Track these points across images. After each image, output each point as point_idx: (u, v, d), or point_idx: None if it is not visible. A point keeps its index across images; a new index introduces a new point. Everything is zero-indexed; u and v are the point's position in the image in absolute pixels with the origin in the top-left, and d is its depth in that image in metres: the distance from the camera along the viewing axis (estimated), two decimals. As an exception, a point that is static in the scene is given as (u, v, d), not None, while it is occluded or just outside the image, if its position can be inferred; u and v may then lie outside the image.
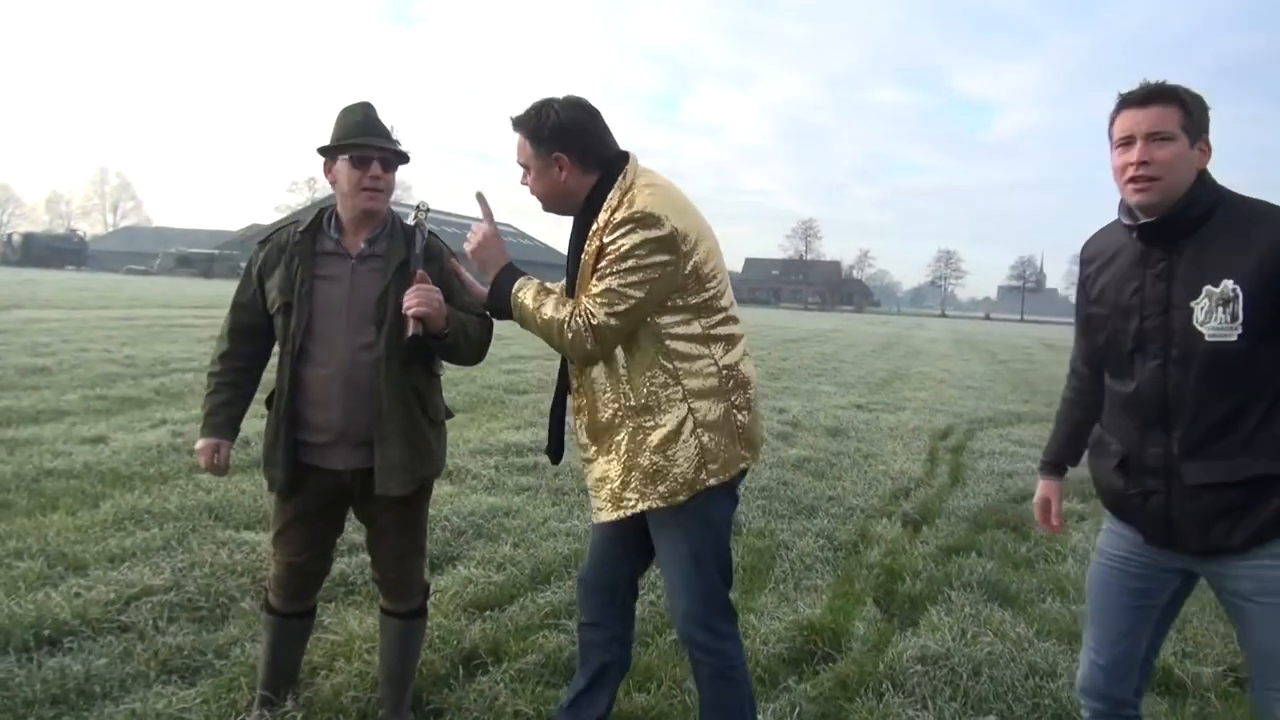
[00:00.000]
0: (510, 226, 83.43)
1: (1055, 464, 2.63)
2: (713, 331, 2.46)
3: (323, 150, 2.72)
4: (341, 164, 2.70)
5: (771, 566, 4.66)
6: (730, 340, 2.50)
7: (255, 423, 7.29)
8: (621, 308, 2.34)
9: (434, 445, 2.87)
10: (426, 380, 2.85)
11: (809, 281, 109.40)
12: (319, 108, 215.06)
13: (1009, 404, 12.87)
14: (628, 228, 2.34)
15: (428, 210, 2.79)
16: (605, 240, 2.37)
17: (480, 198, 2.66)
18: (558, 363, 2.68)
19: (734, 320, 2.53)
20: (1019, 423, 10.94)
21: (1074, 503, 6.47)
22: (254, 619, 3.58)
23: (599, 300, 2.35)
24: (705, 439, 2.41)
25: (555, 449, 2.78)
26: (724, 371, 2.45)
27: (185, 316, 20.54)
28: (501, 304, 2.57)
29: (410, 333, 2.56)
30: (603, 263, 2.37)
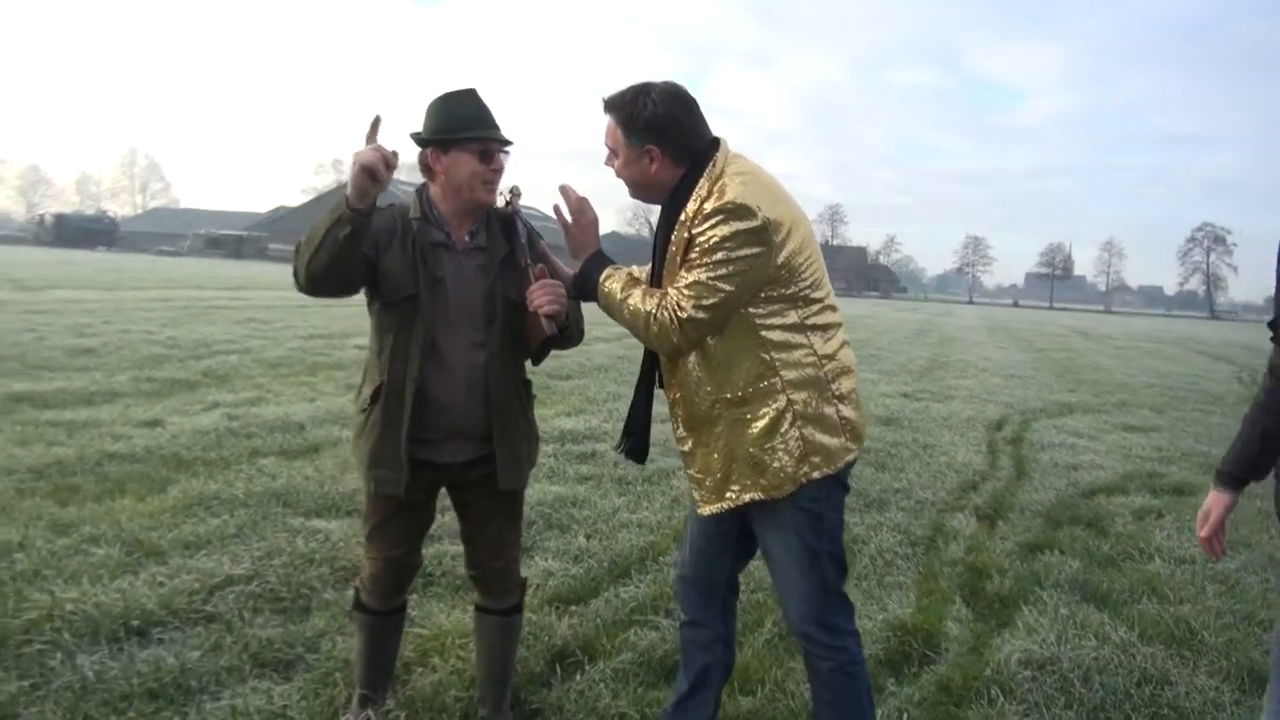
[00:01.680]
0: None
1: (1234, 476, 2.22)
2: (810, 321, 2.36)
3: (430, 141, 2.59)
4: (460, 155, 2.55)
5: (852, 562, 4.54)
6: (829, 329, 2.40)
7: (322, 426, 7.23)
8: (710, 301, 2.25)
9: (535, 430, 2.81)
10: (524, 369, 2.77)
11: (835, 267, 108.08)
12: (342, 90, 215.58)
13: (1056, 393, 12.66)
14: (718, 219, 2.24)
15: (520, 194, 2.68)
16: (694, 231, 2.28)
17: (565, 189, 2.54)
18: (632, 352, 2.57)
19: (832, 309, 2.43)
20: (1071, 413, 10.75)
21: (1145, 497, 6.34)
22: (338, 610, 3.51)
23: (687, 293, 2.27)
24: (806, 430, 2.32)
25: (639, 448, 2.65)
26: (823, 360, 2.36)
27: (220, 298, 20.65)
28: (588, 291, 2.50)
29: (548, 333, 2.48)
30: (692, 254, 2.29)
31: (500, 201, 2.62)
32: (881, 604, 4.01)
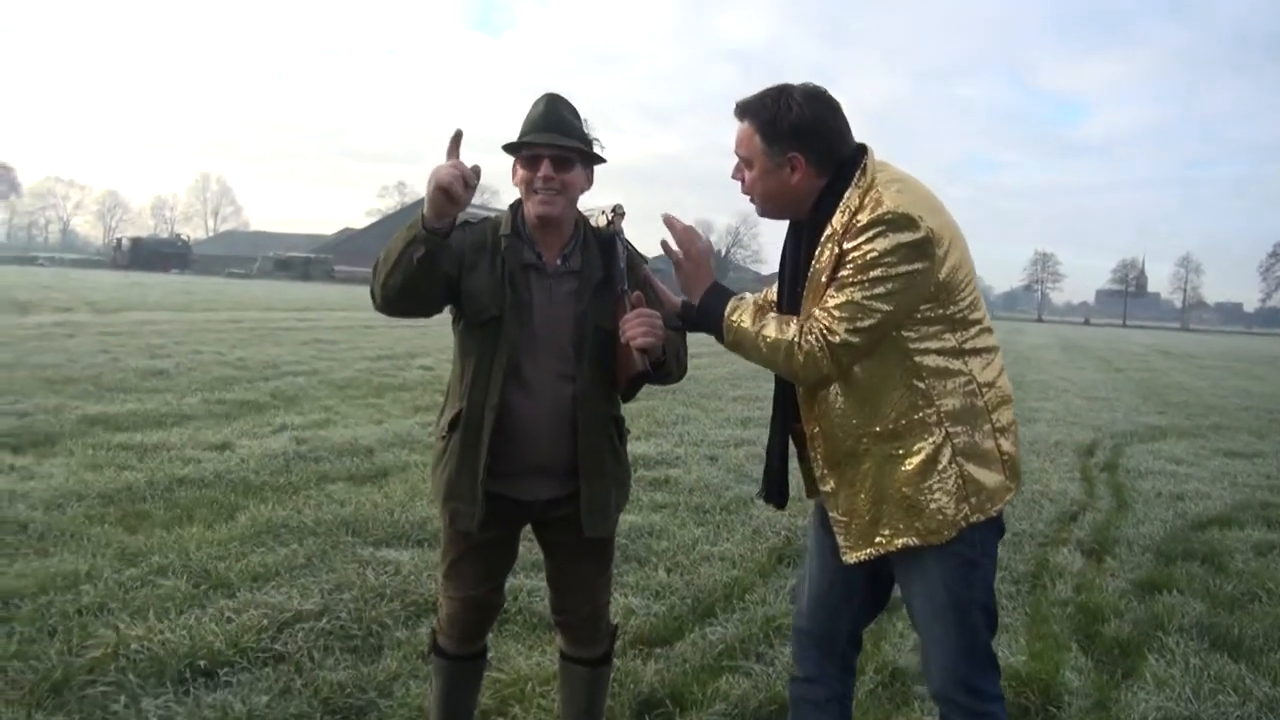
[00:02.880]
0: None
1: None
2: (968, 345, 2.12)
3: (507, 149, 2.42)
4: (517, 163, 2.41)
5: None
6: (987, 353, 2.17)
7: (390, 449, 7.14)
8: (865, 323, 2.03)
9: (627, 471, 2.58)
10: (619, 406, 2.55)
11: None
12: (403, 115, 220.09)
13: (1145, 416, 12.10)
14: (876, 230, 2.02)
15: (624, 214, 2.46)
16: (847, 246, 2.05)
17: (670, 220, 2.31)
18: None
19: (989, 331, 2.20)
20: (1164, 437, 10.23)
21: (1262, 530, 5.91)
22: (410, 650, 3.34)
23: (838, 315, 2.04)
24: (966, 467, 2.08)
25: (778, 491, 2.42)
26: (983, 389, 2.12)
27: (287, 319, 20.90)
28: (712, 328, 2.27)
29: (639, 369, 2.24)
30: (843, 271, 2.06)
31: (601, 221, 2.42)
32: (990, 649, 3.70)
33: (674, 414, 9.39)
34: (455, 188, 2.09)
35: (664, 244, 2.32)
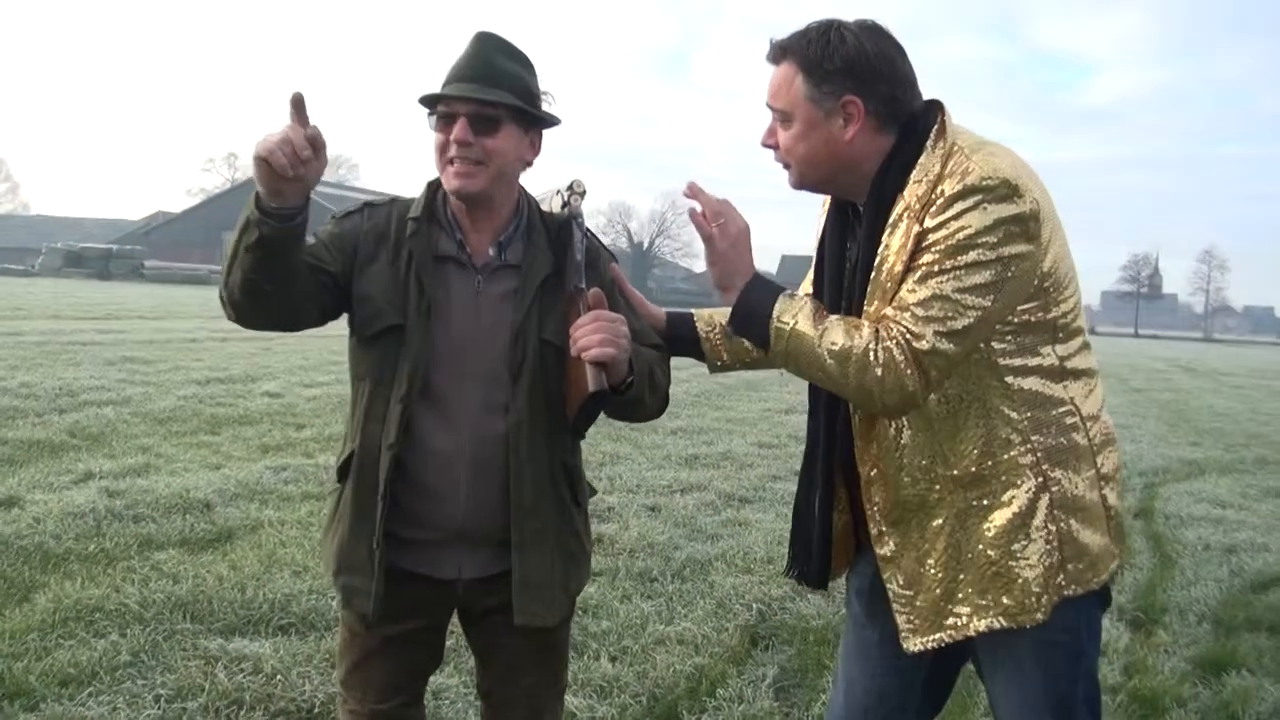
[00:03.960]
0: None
1: None
2: (1070, 364, 2.09)
3: (422, 103, 2.29)
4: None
5: (974, 692, 4.23)
6: (1088, 377, 2.15)
7: (234, 503, 6.93)
8: (960, 324, 1.95)
9: (586, 543, 2.48)
10: (576, 449, 2.46)
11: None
12: (237, 67, 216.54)
13: (1176, 448, 12.52)
14: (972, 201, 1.95)
15: (584, 192, 2.37)
16: (929, 223, 1.98)
17: (695, 189, 2.20)
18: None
19: (1089, 348, 2.17)
20: (1202, 474, 10.60)
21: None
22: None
23: (922, 314, 1.96)
24: (1067, 525, 2.04)
25: (818, 566, 2.31)
26: (1087, 423, 2.09)
27: (85, 331, 20.21)
28: (754, 333, 2.14)
29: (592, 388, 2.09)
30: (925, 257, 1.98)
31: (556, 204, 2.32)
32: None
33: (600, 452, 9.29)
34: (276, 157, 1.93)
35: (693, 216, 2.19)
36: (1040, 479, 2.03)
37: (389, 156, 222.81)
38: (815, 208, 2.43)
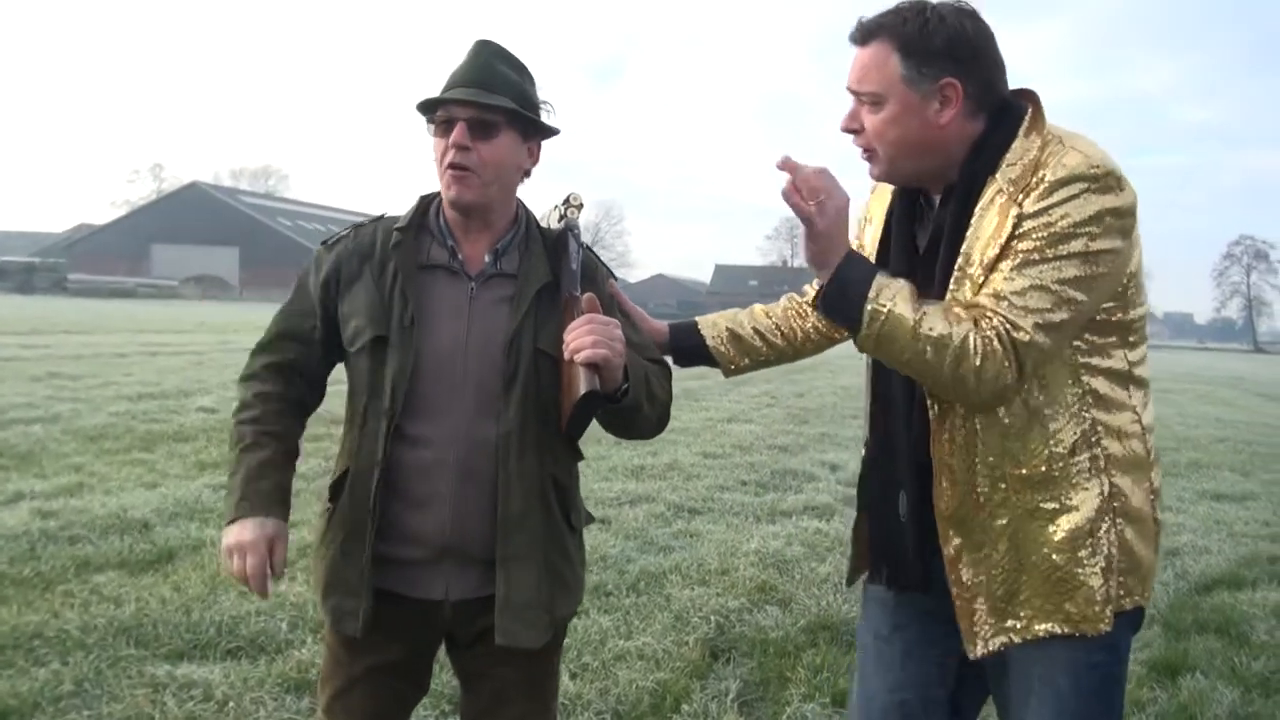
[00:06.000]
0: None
1: None
2: (1136, 371, 2.07)
3: (420, 110, 2.27)
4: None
5: None
6: (1148, 388, 2.12)
7: (173, 522, 6.79)
8: (1059, 316, 1.91)
9: (579, 569, 2.41)
10: (570, 467, 2.39)
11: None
12: (161, 76, 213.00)
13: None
14: (1077, 189, 1.91)
15: (580, 205, 2.36)
16: (1030, 208, 1.92)
17: (789, 163, 2.04)
18: (852, 407, 2.21)
19: (1146, 359, 2.15)
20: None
21: (1276, 590, 6.20)
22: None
23: (1020, 304, 1.91)
24: (1127, 534, 2.02)
25: (916, 569, 2.19)
26: (1147, 435, 2.07)
27: (8, 346, 19.69)
28: (848, 314, 2.00)
29: (584, 389, 2.06)
30: (1024, 244, 1.92)
31: (553, 218, 2.29)
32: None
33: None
34: (255, 584, 2.18)
35: (786, 196, 2.03)
36: (1109, 485, 2.00)
37: (319, 167, 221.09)
38: (746, 220, 2.37)
